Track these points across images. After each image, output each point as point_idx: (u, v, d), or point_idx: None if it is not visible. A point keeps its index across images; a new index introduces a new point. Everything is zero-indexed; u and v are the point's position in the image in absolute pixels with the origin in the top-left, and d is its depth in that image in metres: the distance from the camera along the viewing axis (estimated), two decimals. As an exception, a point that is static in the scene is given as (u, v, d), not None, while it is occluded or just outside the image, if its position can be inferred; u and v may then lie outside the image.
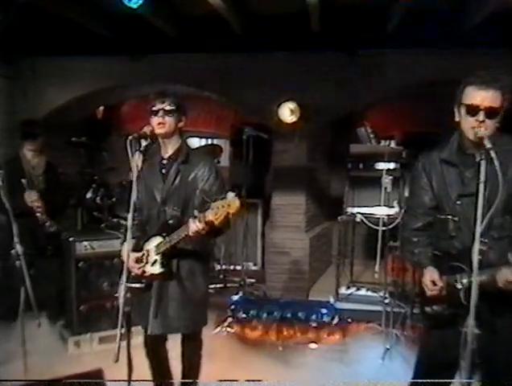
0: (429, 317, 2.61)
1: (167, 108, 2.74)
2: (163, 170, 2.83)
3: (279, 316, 4.45)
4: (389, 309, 4.22)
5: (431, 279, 2.43)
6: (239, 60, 5.33)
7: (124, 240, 2.90)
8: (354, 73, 5.08)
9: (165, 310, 2.78)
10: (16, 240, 3.20)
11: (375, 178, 4.66)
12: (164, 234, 2.69)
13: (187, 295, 2.80)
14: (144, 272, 2.76)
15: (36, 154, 4.42)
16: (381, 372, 3.82)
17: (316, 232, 5.79)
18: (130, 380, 2.45)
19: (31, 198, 4.14)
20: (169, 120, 2.75)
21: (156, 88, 6.00)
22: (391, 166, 4.55)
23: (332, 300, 4.70)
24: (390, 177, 4.25)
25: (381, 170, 4.54)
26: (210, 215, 2.37)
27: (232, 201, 2.35)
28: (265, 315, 4.47)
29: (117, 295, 2.54)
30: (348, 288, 5.12)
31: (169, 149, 2.84)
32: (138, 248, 2.81)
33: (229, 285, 5.50)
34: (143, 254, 2.78)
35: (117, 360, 2.26)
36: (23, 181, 4.15)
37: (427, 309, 2.59)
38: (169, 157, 2.84)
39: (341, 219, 5.01)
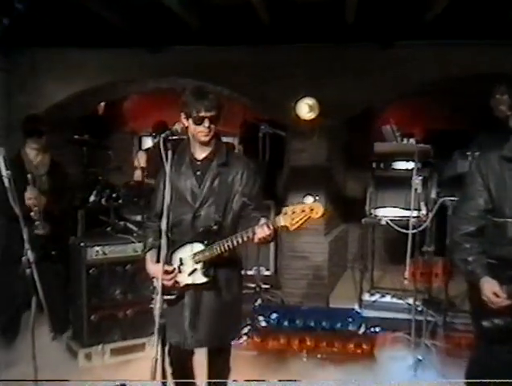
0: (488, 331, 2.44)
1: (214, 114, 2.48)
2: (198, 172, 2.59)
3: (302, 324, 4.21)
4: (421, 317, 3.97)
5: (493, 291, 2.32)
6: (255, 53, 5.07)
7: (146, 249, 2.70)
8: (380, 67, 4.86)
9: (202, 322, 2.57)
10: (27, 246, 2.91)
11: (401, 179, 4.42)
12: (206, 241, 2.45)
13: (224, 305, 2.60)
14: (176, 282, 2.53)
15: (40, 153, 4.08)
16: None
17: (334, 236, 5.55)
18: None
19: (31, 195, 3.73)
20: (214, 126, 2.51)
21: (163, 82, 5.76)
22: (419, 165, 4.30)
23: (356, 307, 4.46)
24: (420, 177, 4.01)
25: (408, 169, 4.30)
26: (284, 221, 2.21)
27: (316, 206, 2.21)
28: (286, 323, 4.23)
29: (152, 305, 2.41)
30: (372, 295, 4.83)
31: (203, 150, 2.61)
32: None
33: (244, 291, 5.21)
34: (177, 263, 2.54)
35: (154, 377, 2.13)
36: (29, 176, 3.81)
37: (485, 323, 2.47)
38: (204, 158, 2.61)
39: (365, 221, 4.74)
